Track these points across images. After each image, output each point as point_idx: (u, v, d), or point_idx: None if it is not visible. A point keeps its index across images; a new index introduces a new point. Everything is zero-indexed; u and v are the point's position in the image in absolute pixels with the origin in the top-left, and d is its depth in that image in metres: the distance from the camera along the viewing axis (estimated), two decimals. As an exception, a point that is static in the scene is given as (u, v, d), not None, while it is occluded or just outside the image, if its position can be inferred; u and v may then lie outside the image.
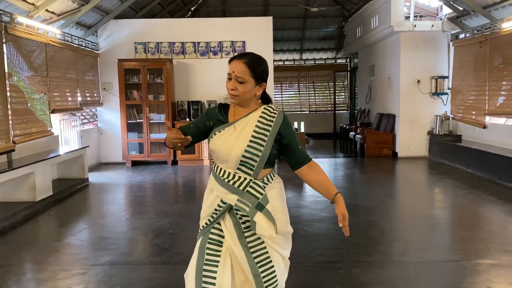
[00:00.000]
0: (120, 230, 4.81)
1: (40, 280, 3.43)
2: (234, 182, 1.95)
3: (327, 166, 8.72)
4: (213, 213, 2.00)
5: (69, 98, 7.76)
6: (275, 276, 1.96)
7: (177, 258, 3.83)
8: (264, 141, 1.93)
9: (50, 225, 5.15)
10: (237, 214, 1.97)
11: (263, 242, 1.96)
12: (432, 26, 8.86)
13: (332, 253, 3.90)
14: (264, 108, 2.01)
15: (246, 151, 1.91)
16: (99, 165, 8.87)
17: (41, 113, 6.61)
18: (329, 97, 15.19)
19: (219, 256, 1.95)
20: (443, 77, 9.06)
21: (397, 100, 9.31)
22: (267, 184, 1.99)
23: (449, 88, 8.98)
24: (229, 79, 1.95)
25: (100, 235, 4.63)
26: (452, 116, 8.77)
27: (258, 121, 1.96)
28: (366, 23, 10.66)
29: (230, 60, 1.98)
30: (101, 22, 8.75)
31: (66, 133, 7.78)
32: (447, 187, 6.69)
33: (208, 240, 1.98)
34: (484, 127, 7.66)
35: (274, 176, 2.05)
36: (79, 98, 8.08)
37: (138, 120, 8.79)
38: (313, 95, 15.24)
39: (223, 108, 2.09)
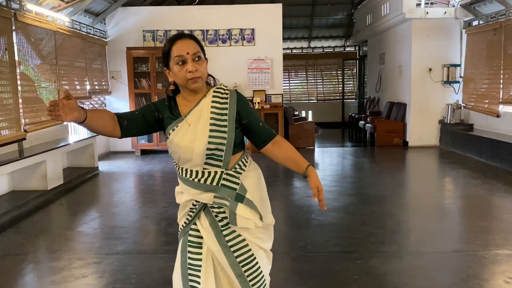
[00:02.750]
0: (133, 219, 4.79)
1: (56, 268, 3.41)
2: (206, 180, 1.78)
3: (337, 155, 8.66)
4: (188, 214, 1.87)
5: (78, 87, 7.72)
6: (261, 272, 1.84)
7: (192, 247, 3.80)
8: (225, 126, 1.75)
9: (62, 214, 5.14)
10: (212, 212, 1.82)
11: (244, 240, 1.81)
12: (445, 13, 8.70)
13: (348, 243, 3.86)
14: (214, 91, 1.80)
15: (209, 142, 1.73)
16: (108, 154, 8.85)
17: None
18: (337, 85, 15.06)
19: (200, 260, 1.81)
20: (455, 65, 8.92)
21: (408, 89, 9.19)
22: (240, 172, 1.83)
23: (461, 77, 8.85)
24: (182, 62, 1.71)
25: (113, 224, 4.61)
26: (464, 104, 8.66)
27: (212, 106, 1.77)
28: (377, 10, 10.50)
29: (171, 43, 1.74)
30: (109, 9, 8.67)
31: (76, 121, 7.74)
32: (460, 176, 6.61)
33: (188, 243, 1.84)
34: (498, 115, 7.55)
35: (247, 161, 1.88)
36: (88, 87, 8.03)
37: (147, 109, 8.73)
38: (321, 83, 15.11)
39: (172, 100, 1.85)
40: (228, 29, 8.97)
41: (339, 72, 14.82)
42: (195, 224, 1.85)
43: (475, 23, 8.36)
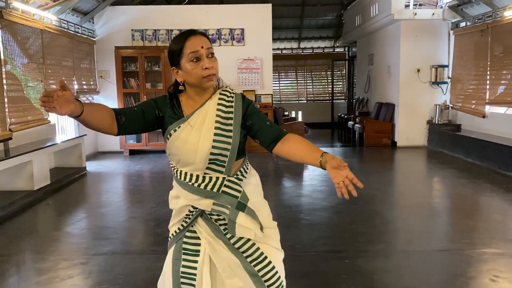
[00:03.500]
0: (120, 219, 4.75)
1: (41, 270, 3.37)
2: (206, 185, 1.66)
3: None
4: (183, 220, 1.74)
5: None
6: (276, 272, 1.70)
7: (180, 247, 3.78)
8: (231, 131, 1.65)
9: (48, 214, 5.08)
10: (211, 218, 1.71)
11: (249, 240, 1.69)
12: (433, 14, 8.77)
13: (336, 242, 3.87)
14: (220, 94, 1.70)
15: (213, 147, 1.62)
16: (96, 154, 8.78)
17: (37, 101, 6.50)
18: (327, 86, 15.11)
19: (195, 268, 1.70)
20: (443, 66, 9.00)
21: (396, 89, 9.26)
22: (241, 179, 1.72)
23: (449, 77, 8.93)
24: (197, 59, 1.60)
25: (100, 224, 4.57)
26: (452, 105, 8.74)
27: (218, 109, 1.66)
28: (366, 11, 10.56)
29: (184, 39, 1.61)
30: (97, 8, 8.60)
31: (63, 121, 7.67)
32: (447, 176, 6.67)
33: (183, 251, 1.73)
34: (484, 116, 7.64)
35: (247, 168, 1.79)
36: (76, 86, 7.96)
37: (135, 109, 8.67)
38: (310, 84, 15.14)
39: (175, 98, 1.73)
40: (217, 29, 8.95)
41: (329, 72, 14.87)
42: (190, 231, 1.75)
43: (462, 24, 8.44)
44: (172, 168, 1.77)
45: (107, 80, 8.89)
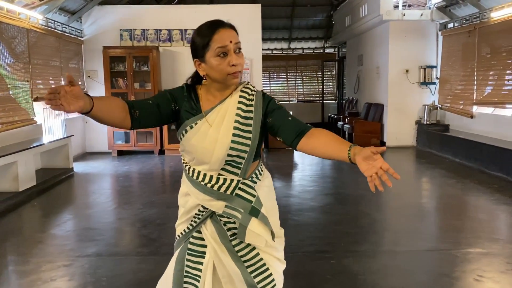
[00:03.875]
0: (107, 220, 4.70)
1: (23, 272, 3.32)
2: (220, 187, 1.59)
3: (313, 157, 8.67)
4: (192, 220, 1.68)
5: (53, 86, 7.55)
6: (275, 285, 1.66)
7: (165, 249, 3.75)
8: (250, 132, 1.56)
9: (34, 216, 5.01)
10: (220, 220, 1.65)
11: (254, 248, 1.65)
12: (421, 15, 8.82)
13: (323, 243, 3.86)
14: (241, 91, 1.60)
15: (231, 148, 1.54)
16: (84, 155, 8.70)
17: (23, 101, 6.43)
18: (317, 86, 15.13)
19: (200, 270, 1.66)
20: (432, 67, 9.06)
21: (385, 90, 9.29)
22: (256, 182, 1.65)
23: (437, 78, 8.98)
24: (224, 54, 1.51)
25: (86, 225, 4.51)
26: (440, 105, 8.79)
27: (238, 108, 1.57)
28: (355, 11, 10.59)
29: (212, 31, 1.50)
30: (85, 8, 8.52)
31: (50, 122, 7.59)
32: (435, 176, 6.70)
33: (188, 251, 1.68)
34: (472, 116, 7.69)
35: (262, 170, 1.71)
36: (63, 86, 7.87)
37: (124, 109, 8.61)
38: (301, 84, 15.15)
39: (192, 90, 1.63)
40: (206, 29, 8.90)
41: (319, 73, 14.89)
42: (197, 232, 1.69)
43: (450, 25, 8.50)
44: (184, 164, 1.69)
45: (95, 80, 8.82)
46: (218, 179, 1.59)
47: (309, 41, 15.03)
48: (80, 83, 8.66)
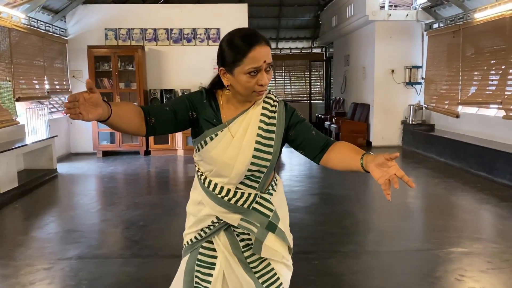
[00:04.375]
0: (89, 222, 4.64)
1: (2, 276, 3.25)
2: (237, 201, 1.53)
3: (301, 157, 8.67)
4: (203, 230, 1.62)
5: (37, 86, 7.46)
6: None
7: (148, 251, 3.71)
8: (271, 146, 1.50)
9: (15, 218, 4.93)
10: (234, 231, 1.60)
11: (266, 259, 1.61)
12: (407, 15, 8.88)
13: (307, 243, 3.85)
14: (264, 101, 1.54)
15: (252, 163, 1.48)
16: (69, 156, 8.60)
17: (5, 101, 6.32)
18: (305, 86, 15.16)
19: (209, 282, 1.60)
20: (417, 67, 9.12)
21: (371, 90, 9.33)
22: (271, 194, 1.60)
23: (422, 78, 9.04)
24: (255, 72, 1.42)
25: (68, 227, 4.45)
26: (426, 105, 8.85)
27: (261, 120, 1.50)
28: (342, 12, 10.62)
29: (249, 47, 1.40)
30: (69, 6, 8.42)
31: (33, 122, 7.47)
32: (420, 176, 6.74)
33: (198, 262, 1.62)
34: (457, 116, 7.76)
35: (277, 179, 1.67)
36: (47, 86, 7.78)
37: (109, 109, 8.53)
38: (289, 84, 15.18)
39: (212, 97, 1.54)
40: (193, 28, 8.88)
41: (307, 73, 14.92)
42: (208, 242, 1.62)
43: (435, 25, 8.56)
44: (198, 173, 1.61)
45: (79, 80, 8.72)
46: (235, 193, 1.53)
47: (296, 41, 15.06)
48: (64, 83, 8.56)
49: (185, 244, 1.68)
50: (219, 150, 1.49)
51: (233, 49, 1.42)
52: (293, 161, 8.12)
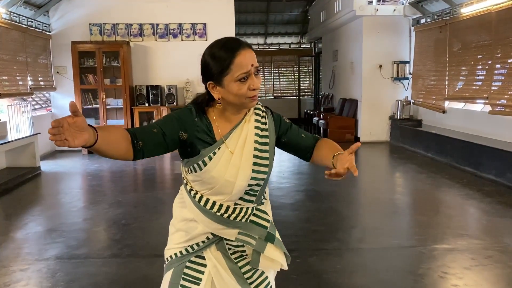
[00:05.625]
0: (70, 221, 4.55)
1: (-25, 278, 3.17)
2: (236, 217, 1.49)
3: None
4: (192, 246, 1.55)
5: (20, 83, 7.32)
6: None
7: (128, 250, 3.64)
8: (267, 158, 1.48)
9: (-6, 218, 4.83)
10: (227, 244, 1.55)
11: (258, 269, 1.58)
12: (394, 10, 8.84)
13: (290, 241, 3.79)
14: (255, 114, 1.52)
15: (252, 178, 1.46)
16: (54, 153, 8.47)
17: (-15, 98, 6.19)
18: (293, 82, 15.10)
19: None
20: (404, 62, 9.10)
21: (359, 85, 9.30)
22: (263, 203, 1.58)
23: (410, 73, 9.03)
24: (245, 78, 1.39)
25: (48, 227, 4.36)
26: (413, 101, 8.84)
27: (256, 134, 1.48)
28: (330, 7, 10.56)
29: (233, 54, 1.37)
30: (53, 1, 8.27)
31: (16, 119, 7.34)
32: (407, 171, 6.74)
33: (183, 276, 1.53)
34: (444, 111, 7.76)
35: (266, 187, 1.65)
36: (30, 83, 7.64)
37: (94, 106, 8.43)
38: (277, 80, 15.11)
39: (202, 115, 1.48)
40: (179, 23, 8.77)
41: (295, 68, 14.86)
42: (196, 256, 1.56)
43: (422, 20, 8.54)
44: (191, 192, 1.53)
45: (64, 76, 8.58)
46: (234, 209, 1.49)
47: (285, 36, 14.98)
48: (49, 79, 8.41)
49: (167, 259, 1.59)
50: (220, 168, 1.44)
51: (218, 59, 1.39)
52: (281, 157, 8.06)
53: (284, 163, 7.55)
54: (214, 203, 1.48)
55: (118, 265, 3.37)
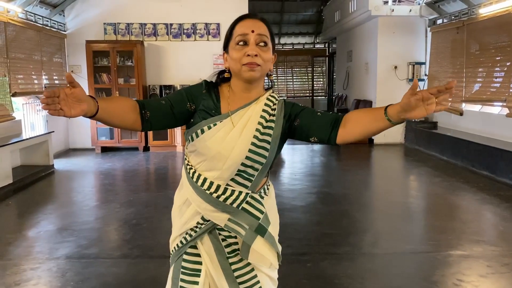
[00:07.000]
0: (82, 220, 4.56)
1: (-13, 276, 3.19)
2: (226, 199, 1.45)
3: (303, 153, 8.58)
4: (187, 234, 1.53)
5: (35, 81, 7.39)
6: None
7: (138, 251, 3.63)
8: (269, 142, 1.44)
9: (7, 216, 4.86)
10: (220, 234, 1.51)
11: (252, 270, 1.53)
12: (410, 11, 8.72)
13: (301, 245, 3.75)
14: (267, 99, 1.48)
15: (247, 157, 1.42)
16: (67, 151, 8.54)
17: (1, 96, 6.25)
18: (307, 82, 15.03)
19: None
20: (420, 63, 8.97)
21: (374, 86, 9.19)
22: (263, 197, 1.52)
23: (425, 75, 8.89)
24: (243, 43, 1.40)
25: (60, 226, 4.37)
26: (428, 102, 8.69)
27: (262, 116, 1.45)
28: (345, 7, 10.47)
29: (236, 21, 1.44)
30: (68, 0, 8.33)
31: (31, 117, 7.42)
32: (422, 174, 6.62)
33: (182, 270, 1.52)
34: (461, 114, 7.61)
35: (269, 184, 1.60)
36: (45, 81, 7.71)
37: (108, 105, 8.46)
38: (291, 80, 15.05)
39: (213, 88, 1.50)
40: (193, 23, 8.76)
41: (309, 69, 14.78)
42: (191, 247, 1.54)
43: (439, 21, 8.40)
44: (188, 167, 1.53)
45: (78, 75, 8.62)
46: (225, 190, 1.45)
47: (299, 36, 14.91)
48: (63, 78, 8.48)
49: (172, 251, 1.60)
50: (217, 139, 1.42)
51: (228, 28, 1.47)
52: (294, 159, 8.01)
53: (296, 164, 7.50)
54: (205, 179, 1.46)
55: (127, 265, 3.36)
